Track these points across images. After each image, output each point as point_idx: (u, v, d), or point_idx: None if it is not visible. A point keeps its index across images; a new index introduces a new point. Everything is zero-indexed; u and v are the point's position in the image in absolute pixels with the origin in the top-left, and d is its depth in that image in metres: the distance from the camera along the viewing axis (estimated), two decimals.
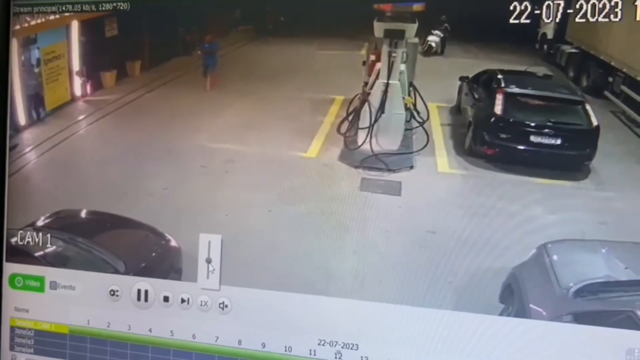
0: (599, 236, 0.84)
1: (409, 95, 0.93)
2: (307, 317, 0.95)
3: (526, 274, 0.86)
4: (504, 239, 0.87)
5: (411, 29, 0.91)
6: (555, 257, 0.86)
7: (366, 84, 0.96)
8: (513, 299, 0.86)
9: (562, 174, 0.87)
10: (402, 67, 0.94)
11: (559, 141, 0.88)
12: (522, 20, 0.85)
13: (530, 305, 0.85)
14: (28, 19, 1.10)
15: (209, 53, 0.99)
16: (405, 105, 0.94)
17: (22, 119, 1.12)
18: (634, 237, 0.82)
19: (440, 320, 0.89)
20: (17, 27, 1.10)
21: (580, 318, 0.84)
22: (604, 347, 0.81)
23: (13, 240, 1.11)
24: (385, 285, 0.92)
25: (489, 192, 0.88)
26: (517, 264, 0.86)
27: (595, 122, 0.85)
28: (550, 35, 0.86)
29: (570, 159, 0.88)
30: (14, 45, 1.10)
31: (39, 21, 1.09)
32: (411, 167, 0.92)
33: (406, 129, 0.94)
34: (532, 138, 0.89)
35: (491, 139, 0.90)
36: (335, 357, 0.93)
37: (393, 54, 0.94)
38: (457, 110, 0.93)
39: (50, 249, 1.10)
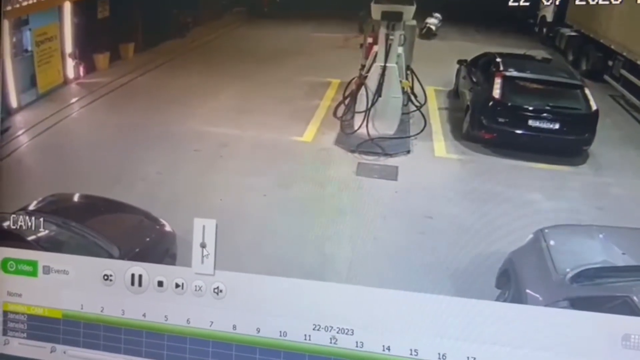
0: (597, 221, 0.84)
1: (407, 78, 0.92)
2: (302, 302, 0.94)
3: (523, 260, 0.85)
4: (501, 224, 0.87)
5: (409, 11, 0.90)
6: (552, 243, 0.85)
7: (363, 67, 0.95)
8: (510, 284, 0.86)
9: (560, 159, 0.86)
10: (400, 50, 0.93)
11: (557, 126, 0.88)
12: (522, 3, 0.83)
13: (527, 291, 0.85)
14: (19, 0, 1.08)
15: None
16: (403, 88, 0.93)
17: (13, 101, 1.10)
18: (631, 223, 0.82)
19: (436, 305, 0.88)
20: (9, 8, 1.08)
21: (577, 304, 0.83)
22: (600, 332, 0.81)
23: (5, 224, 1.10)
24: (381, 270, 0.91)
25: (487, 177, 0.87)
26: (514, 249, 0.85)
27: (594, 107, 0.85)
28: (549, 18, 0.85)
29: (569, 143, 0.87)
30: (5, 26, 1.08)
31: (30, 2, 1.07)
32: (408, 152, 0.91)
33: (403, 113, 0.93)
34: (531, 122, 0.88)
35: (489, 123, 0.90)
36: (331, 342, 0.92)
37: (391, 37, 0.93)
38: (455, 94, 0.92)
39: (43, 233, 1.09)
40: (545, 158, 0.86)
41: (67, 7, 1.06)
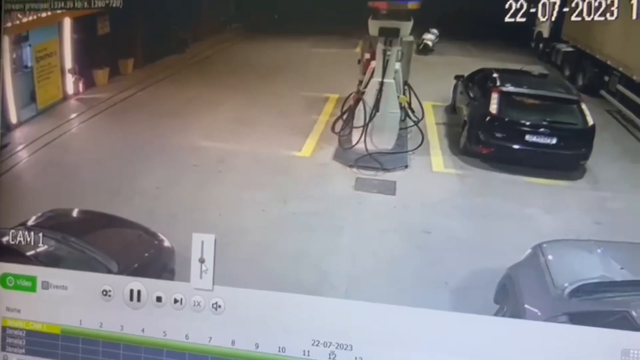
0: (595, 236, 0.84)
1: (404, 93, 0.93)
2: (301, 318, 0.94)
3: (521, 274, 0.85)
4: (499, 238, 0.87)
5: (406, 27, 0.91)
6: (550, 257, 0.85)
7: (361, 82, 0.96)
8: (508, 299, 0.86)
9: (557, 173, 0.87)
10: (397, 65, 0.94)
11: (554, 140, 0.88)
12: (518, 19, 0.84)
13: (525, 306, 0.85)
14: (20, 16, 1.09)
15: None
16: (400, 104, 0.93)
17: (13, 117, 1.11)
18: (629, 237, 0.82)
19: (435, 320, 0.88)
20: (9, 24, 1.09)
21: (576, 318, 0.83)
22: (600, 347, 0.80)
23: (4, 239, 1.10)
24: (380, 285, 0.91)
25: (484, 192, 0.88)
26: (512, 264, 0.85)
27: (591, 122, 0.85)
28: (546, 34, 0.86)
29: (566, 158, 0.88)
30: (5, 42, 1.09)
31: (30, 18, 1.08)
32: (406, 167, 0.92)
33: (401, 128, 0.94)
34: (528, 137, 0.89)
35: (486, 138, 0.90)
36: (329, 358, 0.92)
37: (388, 52, 0.94)
38: (452, 109, 0.93)
39: (42, 248, 1.09)
40: (542, 172, 0.87)
41: (67, 23, 1.07)
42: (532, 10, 0.84)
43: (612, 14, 0.81)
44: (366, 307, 0.91)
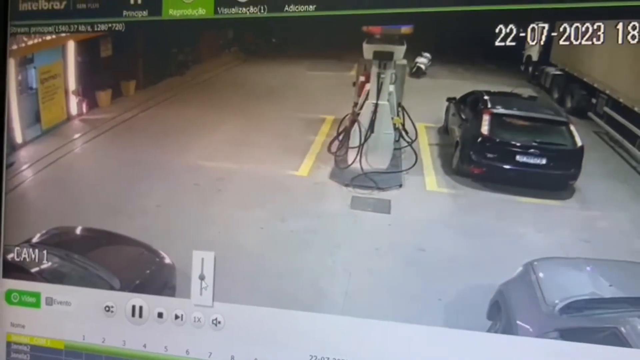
0: (584, 254, 0.85)
1: (398, 115, 0.95)
2: (298, 333, 0.96)
3: (513, 291, 0.87)
4: (491, 256, 0.89)
5: (399, 50, 0.93)
6: (541, 275, 0.87)
7: (356, 104, 0.98)
8: (500, 315, 0.88)
9: (547, 193, 0.88)
10: (391, 88, 0.96)
11: (544, 161, 0.90)
12: (508, 43, 0.87)
13: (517, 322, 0.87)
14: (25, 39, 1.12)
15: None
16: (394, 125, 0.95)
17: (19, 137, 1.13)
18: (617, 255, 0.84)
19: (429, 336, 0.90)
20: (14, 47, 1.12)
21: (566, 334, 0.85)
22: None
23: (9, 256, 1.13)
24: (375, 302, 0.93)
25: (477, 210, 0.89)
26: (504, 281, 0.87)
27: (579, 143, 0.87)
28: (535, 58, 0.88)
29: (556, 178, 0.89)
30: (11, 65, 1.12)
31: (35, 41, 1.11)
32: (400, 186, 0.94)
33: (395, 149, 0.96)
34: (518, 158, 0.90)
35: (478, 158, 0.92)
36: None
37: (382, 75, 0.96)
38: (444, 130, 0.94)
39: (46, 265, 1.11)
40: (533, 192, 0.88)
41: (71, 46, 1.10)
42: (522, 34, 0.86)
43: (598, 39, 0.83)
44: (362, 323, 0.93)
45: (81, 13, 1.08)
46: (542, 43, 0.86)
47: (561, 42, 0.85)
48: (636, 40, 0.80)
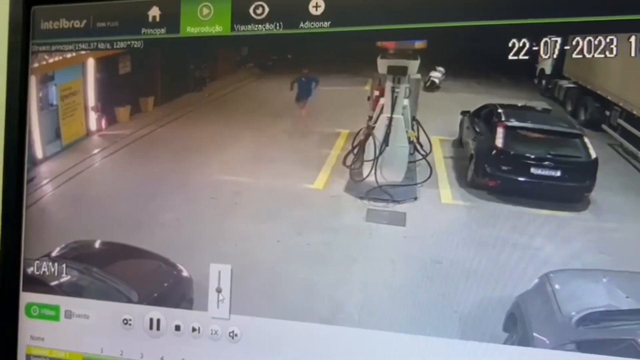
0: (600, 266, 0.86)
1: (412, 128, 0.96)
2: (314, 346, 0.97)
3: (529, 303, 0.88)
4: (507, 268, 0.89)
5: (413, 65, 0.94)
6: (557, 286, 0.87)
7: (370, 118, 0.99)
8: (517, 327, 0.88)
9: (562, 205, 0.89)
10: (406, 101, 0.97)
11: (558, 173, 0.90)
12: (521, 57, 0.88)
13: (534, 334, 0.87)
14: (46, 57, 1.14)
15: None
16: (409, 138, 0.96)
17: (39, 152, 1.15)
18: (634, 267, 0.84)
19: (446, 348, 0.91)
20: (36, 65, 1.15)
21: (583, 346, 0.85)
22: None
23: (29, 270, 1.14)
24: (391, 314, 0.94)
25: (492, 222, 0.90)
26: (521, 293, 0.88)
27: (593, 155, 0.87)
28: (548, 71, 0.89)
29: (570, 190, 0.90)
30: (32, 82, 1.15)
31: (56, 59, 1.14)
32: (415, 199, 0.94)
33: (410, 162, 0.96)
34: (533, 170, 0.91)
35: (492, 171, 0.93)
36: None
37: (396, 90, 0.97)
38: (459, 143, 0.95)
39: (65, 278, 1.13)
40: (548, 204, 0.89)
41: (91, 64, 1.13)
42: (535, 48, 0.87)
43: (611, 52, 0.84)
44: (378, 335, 0.94)
45: (101, 31, 1.10)
46: (555, 56, 0.87)
47: (574, 56, 0.86)
48: None
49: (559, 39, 0.86)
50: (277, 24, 0.99)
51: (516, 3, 0.88)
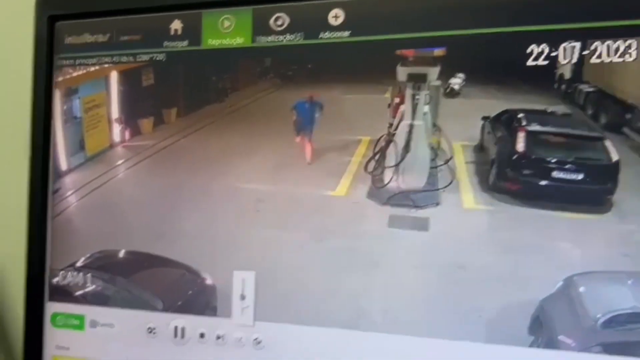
0: (624, 268, 0.86)
1: (433, 134, 0.97)
2: (338, 351, 0.98)
3: (554, 306, 0.88)
4: (531, 272, 0.89)
5: (433, 72, 0.95)
6: (582, 289, 0.88)
7: (391, 125, 1.00)
8: (542, 330, 0.88)
9: (585, 207, 0.89)
10: (426, 108, 0.98)
11: (580, 176, 0.91)
12: (540, 62, 0.89)
13: (559, 337, 0.87)
14: (70, 71, 1.17)
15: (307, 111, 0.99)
16: (430, 144, 0.97)
17: (64, 164, 1.17)
18: None
19: (470, 352, 0.91)
20: (60, 78, 1.17)
21: (610, 349, 0.85)
22: None
23: (55, 280, 1.16)
24: (415, 319, 0.94)
25: (515, 226, 0.90)
26: (545, 296, 0.88)
27: (615, 157, 0.88)
28: (567, 76, 0.89)
29: (592, 193, 0.90)
30: (57, 95, 1.17)
31: (80, 73, 1.16)
32: (437, 204, 0.95)
33: (431, 167, 0.97)
34: (554, 174, 0.91)
35: (514, 175, 0.93)
36: None
37: (416, 97, 0.98)
38: (480, 148, 0.96)
39: (90, 288, 1.14)
40: (570, 207, 0.89)
41: (114, 76, 1.15)
42: (553, 53, 0.89)
43: (630, 56, 0.85)
44: (402, 340, 0.94)
45: (124, 45, 1.13)
46: (574, 61, 0.88)
47: (593, 60, 0.87)
48: None
49: (577, 44, 0.87)
50: (297, 35, 1.01)
51: (534, 10, 0.89)
